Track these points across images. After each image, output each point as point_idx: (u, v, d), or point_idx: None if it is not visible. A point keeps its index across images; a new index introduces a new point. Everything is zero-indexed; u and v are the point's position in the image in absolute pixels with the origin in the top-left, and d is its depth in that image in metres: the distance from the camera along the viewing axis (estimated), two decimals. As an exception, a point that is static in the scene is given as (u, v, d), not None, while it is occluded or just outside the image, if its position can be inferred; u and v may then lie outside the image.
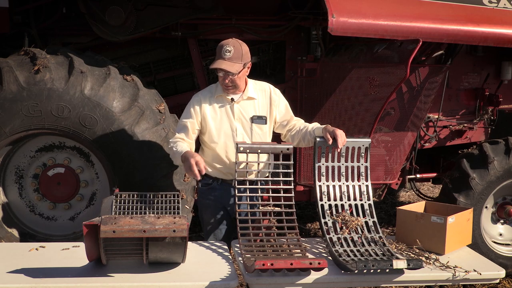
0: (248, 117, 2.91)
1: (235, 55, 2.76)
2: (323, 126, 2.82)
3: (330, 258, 2.51)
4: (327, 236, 2.60)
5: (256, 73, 4.02)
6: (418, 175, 4.40)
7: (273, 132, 3.05)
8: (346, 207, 2.75)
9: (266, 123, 2.93)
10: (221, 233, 3.04)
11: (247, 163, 2.78)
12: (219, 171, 2.94)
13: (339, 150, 2.75)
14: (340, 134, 2.71)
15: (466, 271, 2.43)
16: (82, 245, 2.39)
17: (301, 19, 3.84)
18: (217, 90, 2.92)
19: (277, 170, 2.82)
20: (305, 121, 3.05)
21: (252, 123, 2.91)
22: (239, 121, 2.90)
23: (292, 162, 2.82)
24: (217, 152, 2.90)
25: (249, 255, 2.45)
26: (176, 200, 2.73)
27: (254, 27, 3.91)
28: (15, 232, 3.47)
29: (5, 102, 3.15)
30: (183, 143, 2.82)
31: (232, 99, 2.88)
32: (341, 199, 2.77)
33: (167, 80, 4.16)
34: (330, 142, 2.71)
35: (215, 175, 2.96)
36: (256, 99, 2.92)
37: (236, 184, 2.74)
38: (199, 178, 2.63)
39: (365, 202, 2.78)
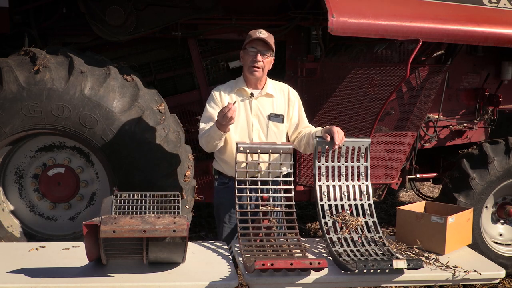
0: (266, 114, 2.91)
1: (269, 38, 2.84)
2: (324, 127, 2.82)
3: (330, 258, 2.51)
4: (327, 236, 2.60)
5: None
6: (418, 175, 4.41)
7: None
8: (346, 207, 2.75)
9: (283, 122, 2.93)
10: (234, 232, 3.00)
11: (247, 163, 2.77)
12: (233, 169, 2.90)
13: (336, 147, 2.73)
14: (337, 131, 2.71)
15: (466, 271, 2.43)
16: (82, 245, 2.39)
17: (301, 19, 3.84)
18: (237, 84, 2.93)
19: (277, 170, 2.82)
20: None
21: (269, 120, 2.91)
22: (256, 117, 2.90)
23: (292, 162, 2.83)
24: (232, 147, 2.87)
25: (249, 255, 2.45)
26: (176, 200, 2.72)
27: (254, 27, 3.90)
28: (15, 232, 3.47)
29: (5, 102, 3.15)
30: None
31: (252, 94, 2.89)
32: (341, 199, 2.76)
33: (167, 80, 4.16)
34: (328, 138, 2.72)
35: (230, 174, 2.94)
36: (275, 97, 2.94)
37: (236, 184, 2.74)
38: (232, 116, 2.59)
39: (365, 202, 2.77)
